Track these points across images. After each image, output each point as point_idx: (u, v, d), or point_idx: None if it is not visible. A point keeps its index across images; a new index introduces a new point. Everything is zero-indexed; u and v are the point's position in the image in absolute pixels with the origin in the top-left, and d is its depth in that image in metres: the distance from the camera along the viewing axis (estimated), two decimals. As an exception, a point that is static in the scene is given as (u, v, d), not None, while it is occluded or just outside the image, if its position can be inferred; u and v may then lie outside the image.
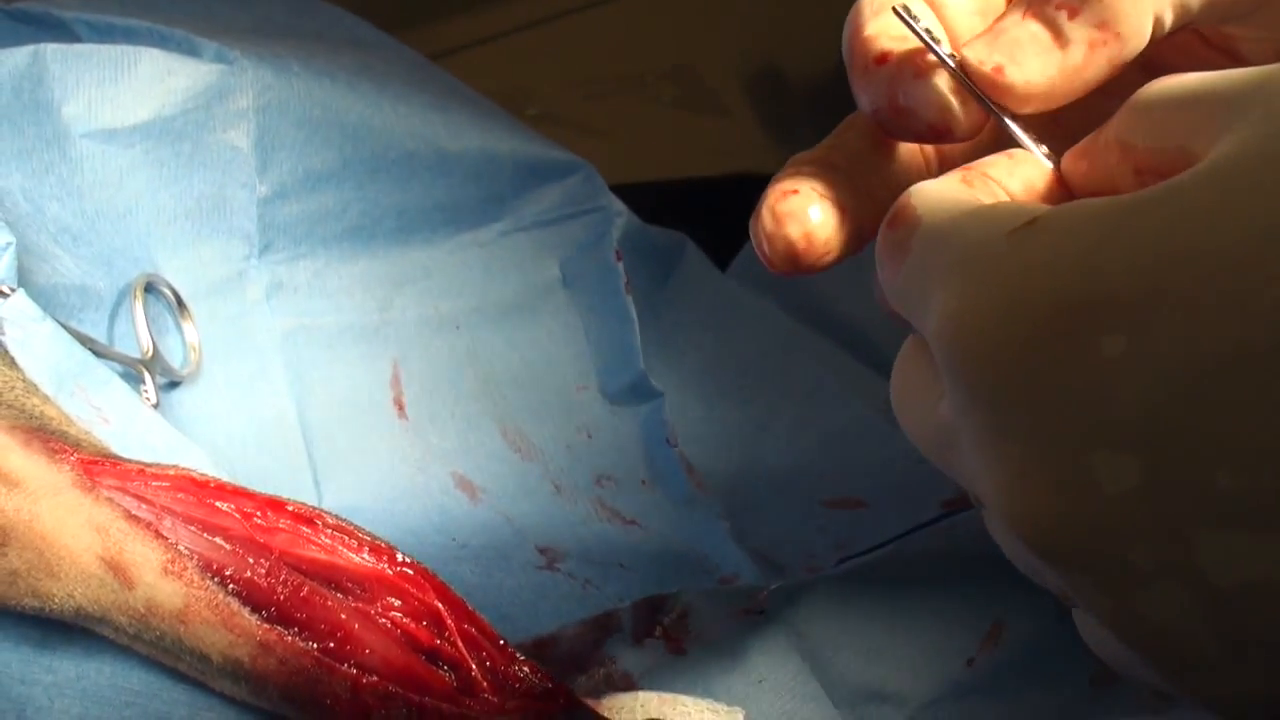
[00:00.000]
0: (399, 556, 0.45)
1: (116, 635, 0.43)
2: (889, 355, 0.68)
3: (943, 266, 0.29)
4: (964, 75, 0.34)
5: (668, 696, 0.48)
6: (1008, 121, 0.34)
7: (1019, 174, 0.34)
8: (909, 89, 0.34)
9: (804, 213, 0.35)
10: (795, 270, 0.36)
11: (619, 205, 0.68)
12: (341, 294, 0.62)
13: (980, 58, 0.34)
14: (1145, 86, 0.32)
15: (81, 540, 0.42)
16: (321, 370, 0.61)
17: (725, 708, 0.49)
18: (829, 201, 0.36)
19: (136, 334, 0.55)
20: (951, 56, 0.34)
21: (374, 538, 0.46)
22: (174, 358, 0.58)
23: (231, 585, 0.43)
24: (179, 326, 0.58)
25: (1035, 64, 0.33)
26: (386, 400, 0.62)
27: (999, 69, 0.33)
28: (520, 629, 0.50)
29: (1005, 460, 0.28)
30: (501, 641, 0.45)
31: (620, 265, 0.66)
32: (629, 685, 0.50)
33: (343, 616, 0.43)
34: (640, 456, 0.64)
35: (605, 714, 0.46)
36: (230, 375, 0.59)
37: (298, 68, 0.61)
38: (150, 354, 0.55)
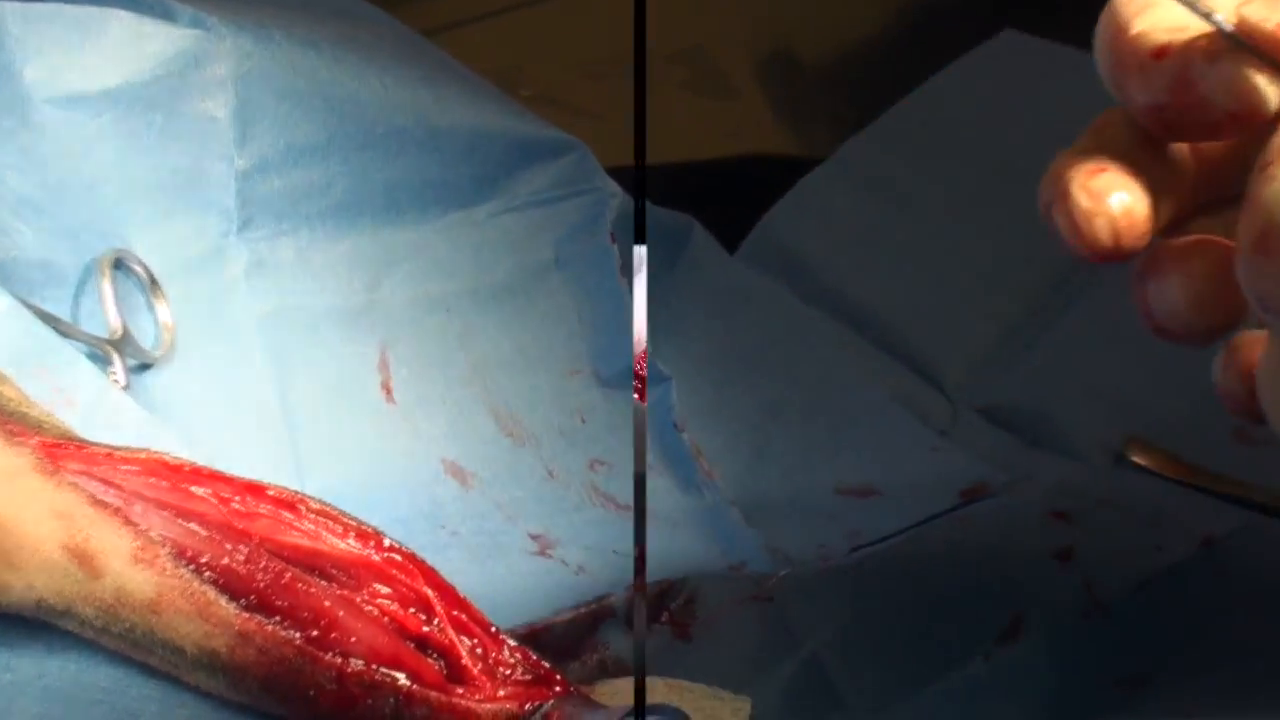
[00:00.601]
0: (386, 542, 0.45)
1: (82, 629, 0.42)
2: (902, 339, 0.71)
3: None
4: (1249, 43, 0.32)
5: (674, 682, 0.48)
6: None
7: None
8: (1205, 74, 0.32)
9: (1118, 189, 0.33)
10: (1115, 253, 0.33)
11: (614, 186, 0.68)
12: (326, 273, 0.62)
13: (1261, 15, 0.32)
14: None
15: (43, 527, 0.41)
16: (304, 353, 0.60)
17: (731, 695, 0.49)
18: (1134, 179, 0.33)
19: (104, 313, 0.54)
20: (1232, 27, 0.32)
21: (360, 523, 0.45)
22: (145, 338, 0.56)
23: (208, 573, 0.42)
24: (151, 305, 0.57)
25: None
26: (374, 385, 0.61)
27: None
28: (513, 616, 0.49)
29: None
30: (493, 629, 0.45)
31: (614, 247, 0.66)
32: (623, 670, 0.50)
33: (327, 604, 0.42)
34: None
35: (598, 699, 0.46)
36: (206, 357, 0.58)
37: (280, 36, 0.60)
38: (119, 334, 0.54)
